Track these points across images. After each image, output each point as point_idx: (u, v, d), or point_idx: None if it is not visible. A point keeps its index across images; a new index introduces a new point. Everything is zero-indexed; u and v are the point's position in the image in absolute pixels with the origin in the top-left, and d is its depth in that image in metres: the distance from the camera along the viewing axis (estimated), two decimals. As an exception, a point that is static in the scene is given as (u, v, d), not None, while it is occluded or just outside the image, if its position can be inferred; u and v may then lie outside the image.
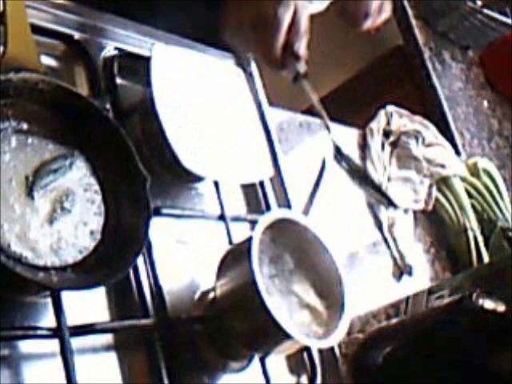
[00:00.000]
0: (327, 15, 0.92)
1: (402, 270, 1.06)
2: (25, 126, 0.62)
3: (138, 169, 0.66)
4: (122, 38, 0.83)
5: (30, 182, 0.60)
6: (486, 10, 1.54)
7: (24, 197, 0.59)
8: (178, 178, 0.79)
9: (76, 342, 0.59)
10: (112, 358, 0.65)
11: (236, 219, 0.82)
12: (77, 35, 0.77)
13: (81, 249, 0.62)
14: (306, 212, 0.94)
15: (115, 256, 0.62)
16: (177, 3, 0.91)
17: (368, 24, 0.89)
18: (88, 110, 0.65)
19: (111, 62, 0.79)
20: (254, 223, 0.74)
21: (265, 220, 0.71)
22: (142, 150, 0.76)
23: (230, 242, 0.78)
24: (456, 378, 0.77)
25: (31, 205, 0.59)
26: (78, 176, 0.64)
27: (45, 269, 0.58)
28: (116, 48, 0.81)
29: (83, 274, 0.61)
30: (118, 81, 0.78)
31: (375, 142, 1.14)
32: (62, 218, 0.61)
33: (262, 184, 0.88)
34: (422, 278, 1.09)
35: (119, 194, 0.66)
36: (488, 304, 0.76)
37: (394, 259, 1.06)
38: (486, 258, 1.14)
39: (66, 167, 0.63)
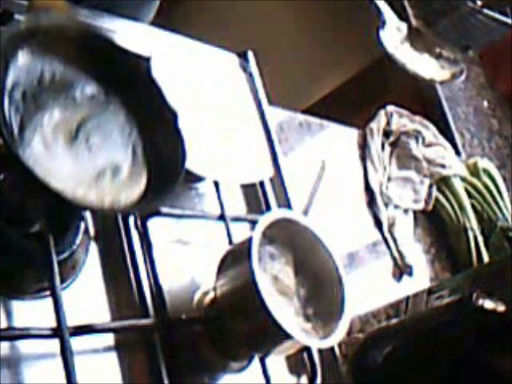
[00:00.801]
0: (328, 15, 0.92)
1: (401, 270, 1.06)
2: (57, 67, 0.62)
3: (168, 104, 0.67)
4: (122, 38, 0.83)
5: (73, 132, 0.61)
6: (486, 10, 1.53)
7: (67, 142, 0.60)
8: (178, 177, 0.79)
9: (76, 342, 0.59)
10: (112, 358, 0.65)
11: (236, 219, 0.82)
12: (77, 35, 0.77)
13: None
14: (305, 212, 0.94)
15: (159, 185, 0.63)
16: None
17: None
18: (114, 51, 0.66)
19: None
20: (254, 223, 0.74)
21: (265, 220, 0.71)
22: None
23: (230, 242, 0.78)
24: (456, 378, 0.77)
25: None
26: (113, 118, 0.65)
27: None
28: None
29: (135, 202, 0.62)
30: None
31: (375, 142, 1.14)
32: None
33: (262, 184, 0.88)
34: (422, 278, 1.09)
35: (152, 131, 0.66)
36: (488, 304, 0.76)
37: (394, 259, 1.06)
38: (485, 258, 1.14)
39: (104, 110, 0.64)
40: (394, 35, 1.02)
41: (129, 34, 0.84)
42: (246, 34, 1.61)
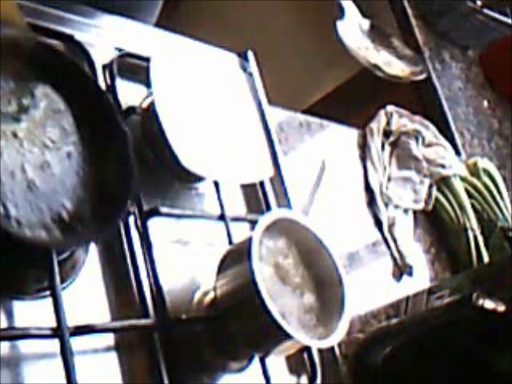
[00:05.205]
0: (328, 15, 0.92)
1: (402, 270, 1.06)
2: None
3: (120, 126, 0.64)
4: (122, 38, 0.83)
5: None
6: (486, 10, 1.54)
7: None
8: (178, 177, 0.80)
9: (76, 342, 0.59)
10: (112, 358, 0.65)
11: (236, 219, 0.82)
12: (77, 35, 0.77)
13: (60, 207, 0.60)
14: (305, 212, 0.94)
15: (100, 214, 0.61)
16: None
17: None
18: (70, 68, 0.64)
19: (111, 62, 0.79)
20: (254, 223, 0.74)
21: (265, 220, 0.71)
22: (141, 150, 0.76)
23: (230, 242, 0.78)
24: (456, 378, 0.78)
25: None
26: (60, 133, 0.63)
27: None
28: (116, 48, 0.81)
29: (69, 232, 0.59)
30: (118, 81, 0.78)
31: (375, 142, 1.14)
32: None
33: (262, 184, 0.88)
34: (422, 278, 1.09)
35: (101, 153, 0.64)
36: (488, 304, 0.76)
37: (394, 259, 1.06)
38: (485, 258, 1.14)
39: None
40: (352, 28, 1.01)
41: (128, 34, 0.85)
42: (246, 34, 1.61)
